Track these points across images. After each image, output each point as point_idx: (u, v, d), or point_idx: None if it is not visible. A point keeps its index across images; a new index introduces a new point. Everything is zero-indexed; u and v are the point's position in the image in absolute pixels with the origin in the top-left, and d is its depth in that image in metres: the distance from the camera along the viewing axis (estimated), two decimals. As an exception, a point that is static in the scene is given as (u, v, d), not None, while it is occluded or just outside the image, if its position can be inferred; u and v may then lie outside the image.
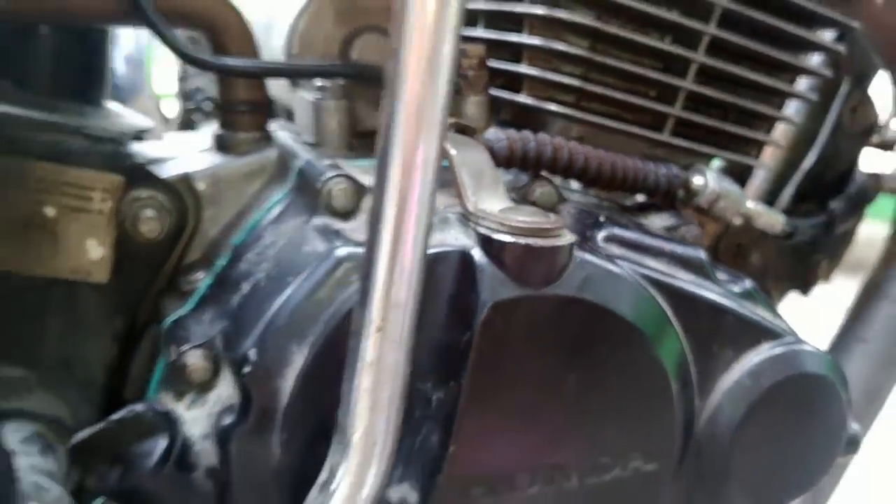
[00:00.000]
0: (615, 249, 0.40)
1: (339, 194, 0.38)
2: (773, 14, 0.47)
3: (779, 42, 0.49)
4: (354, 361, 0.31)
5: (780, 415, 0.41)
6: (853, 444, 0.45)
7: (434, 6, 0.27)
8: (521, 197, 0.43)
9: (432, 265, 0.33)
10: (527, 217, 0.35)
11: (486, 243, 0.34)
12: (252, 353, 0.35)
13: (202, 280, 0.42)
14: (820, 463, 0.43)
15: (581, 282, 0.35)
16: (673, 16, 0.46)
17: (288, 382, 0.35)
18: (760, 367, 0.40)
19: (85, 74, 0.48)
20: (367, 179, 0.39)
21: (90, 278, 0.41)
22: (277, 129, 0.48)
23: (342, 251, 0.36)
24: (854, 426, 0.44)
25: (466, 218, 0.37)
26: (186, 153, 0.46)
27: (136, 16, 0.40)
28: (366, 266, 0.30)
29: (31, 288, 0.41)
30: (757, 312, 0.42)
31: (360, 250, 0.35)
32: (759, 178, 0.61)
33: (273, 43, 0.48)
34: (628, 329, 0.36)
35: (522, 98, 0.48)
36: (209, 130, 0.48)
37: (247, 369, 0.35)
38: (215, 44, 0.44)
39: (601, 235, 0.40)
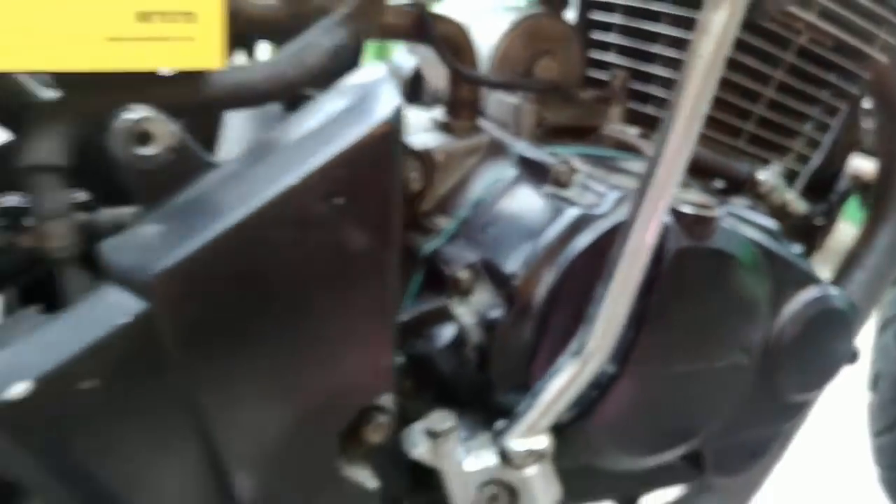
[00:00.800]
0: (728, 219, 0.61)
1: (563, 173, 0.58)
2: (831, 53, 0.69)
3: (831, 69, 0.70)
4: (609, 276, 0.51)
5: (818, 335, 0.64)
6: (854, 357, 0.68)
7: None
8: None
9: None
10: (696, 197, 0.56)
11: (675, 213, 0.55)
12: (519, 273, 0.55)
13: (445, 224, 0.61)
14: (837, 367, 0.66)
15: (721, 238, 0.57)
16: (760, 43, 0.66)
17: (541, 293, 0.55)
18: (809, 302, 0.63)
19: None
20: (576, 163, 0.59)
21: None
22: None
23: (575, 210, 0.56)
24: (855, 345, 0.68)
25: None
26: (417, 132, 0.65)
27: (422, 36, 0.59)
28: (631, 216, 0.50)
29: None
30: (806, 265, 0.64)
31: (586, 211, 0.55)
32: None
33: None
34: (744, 270, 0.58)
35: (651, 110, 0.68)
36: (425, 115, 0.67)
37: (515, 282, 0.55)
38: (455, 58, 0.63)
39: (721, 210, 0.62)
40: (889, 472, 1.13)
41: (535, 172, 0.60)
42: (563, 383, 0.53)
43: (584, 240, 0.55)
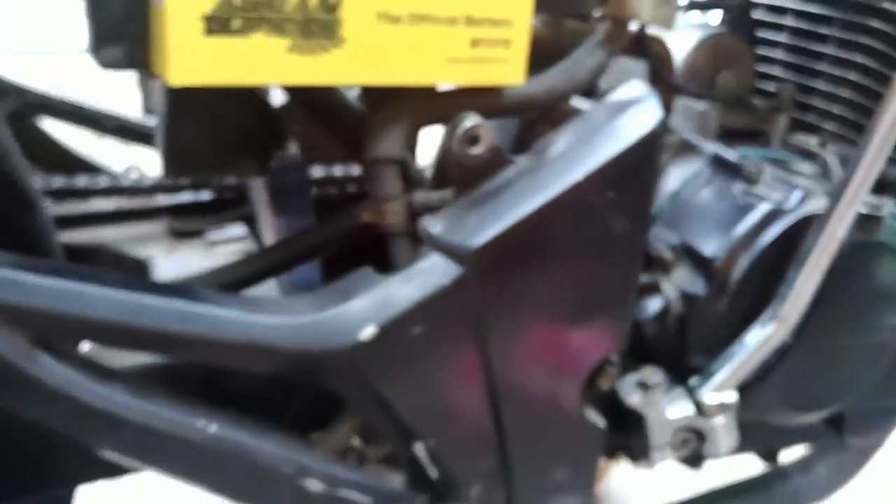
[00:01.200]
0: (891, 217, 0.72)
1: (754, 173, 0.69)
2: None
3: None
4: (802, 261, 0.62)
5: None
6: None
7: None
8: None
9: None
10: (869, 198, 0.67)
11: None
12: (720, 256, 0.66)
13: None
14: None
15: (886, 234, 0.68)
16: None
17: (738, 273, 0.66)
18: None
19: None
20: (763, 164, 0.70)
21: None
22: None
23: (767, 205, 0.67)
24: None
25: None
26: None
27: (640, 51, 0.70)
28: (829, 213, 0.61)
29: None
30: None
31: (775, 206, 0.66)
32: None
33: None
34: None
35: (812, 119, 0.79)
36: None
37: (716, 264, 0.66)
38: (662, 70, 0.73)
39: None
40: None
41: (727, 170, 0.71)
42: (754, 347, 0.64)
43: (773, 231, 0.66)
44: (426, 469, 0.57)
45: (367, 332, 0.52)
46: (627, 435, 0.67)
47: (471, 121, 0.53)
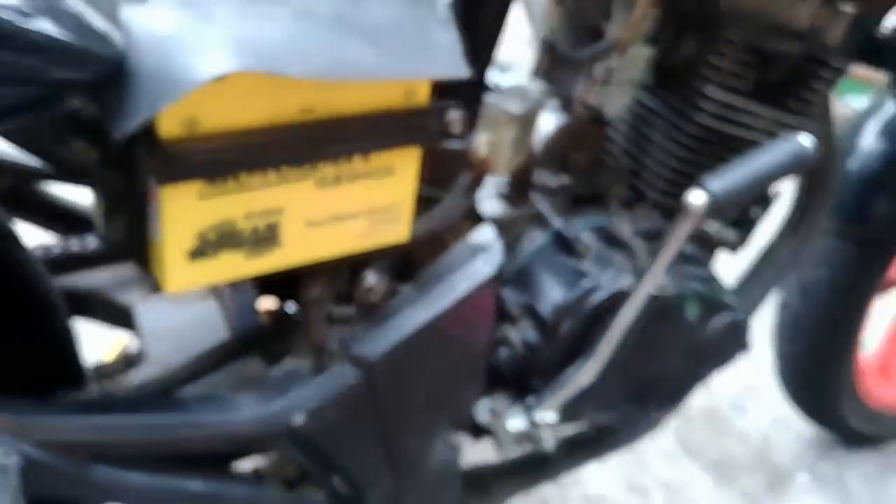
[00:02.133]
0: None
1: (584, 249, 0.93)
2: None
3: None
4: (611, 324, 0.89)
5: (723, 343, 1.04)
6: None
7: None
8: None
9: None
10: (662, 283, 0.93)
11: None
12: (552, 317, 0.91)
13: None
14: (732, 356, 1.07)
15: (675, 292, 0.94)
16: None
17: (564, 329, 0.92)
18: (721, 323, 1.02)
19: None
20: (589, 239, 0.94)
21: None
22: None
23: (588, 281, 0.92)
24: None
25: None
26: (489, 198, 0.98)
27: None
28: (631, 297, 0.87)
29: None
30: (725, 298, 1.03)
31: (594, 283, 0.91)
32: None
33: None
34: (688, 312, 0.96)
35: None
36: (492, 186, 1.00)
37: (549, 322, 0.92)
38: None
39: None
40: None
41: (564, 245, 0.95)
42: (575, 380, 0.92)
43: (591, 301, 0.91)
44: (340, 490, 0.85)
45: (299, 419, 0.78)
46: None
47: (372, 277, 0.76)
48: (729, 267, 1.19)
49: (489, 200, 0.97)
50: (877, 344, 1.73)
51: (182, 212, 0.63)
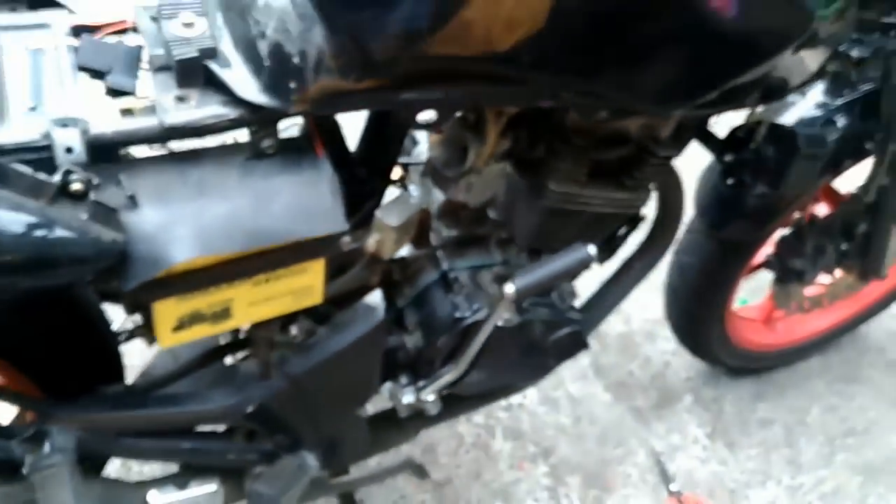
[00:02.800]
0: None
1: (449, 283, 1.33)
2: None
3: None
4: (470, 341, 1.30)
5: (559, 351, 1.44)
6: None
7: None
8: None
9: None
10: (509, 316, 1.33)
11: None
12: (432, 339, 1.33)
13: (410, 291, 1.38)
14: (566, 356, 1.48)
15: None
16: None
17: (441, 344, 1.34)
18: (561, 332, 1.42)
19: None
20: (465, 279, 1.34)
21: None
22: None
23: (459, 314, 1.33)
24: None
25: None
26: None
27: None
28: (488, 317, 1.29)
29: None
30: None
31: (460, 312, 1.32)
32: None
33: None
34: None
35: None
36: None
37: (429, 344, 1.33)
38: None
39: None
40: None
41: (446, 281, 1.34)
42: (445, 377, 1.35)
43: (458, 327, 1.32)
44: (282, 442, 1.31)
45: (250, 409, 1.23)
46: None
47: (296, 326, 1.18)
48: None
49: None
50: (760, 300, 2.11)
51: (166, 312, 1.05)
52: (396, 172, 1.33)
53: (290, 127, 1.08)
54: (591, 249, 1.18)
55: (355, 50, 0.92)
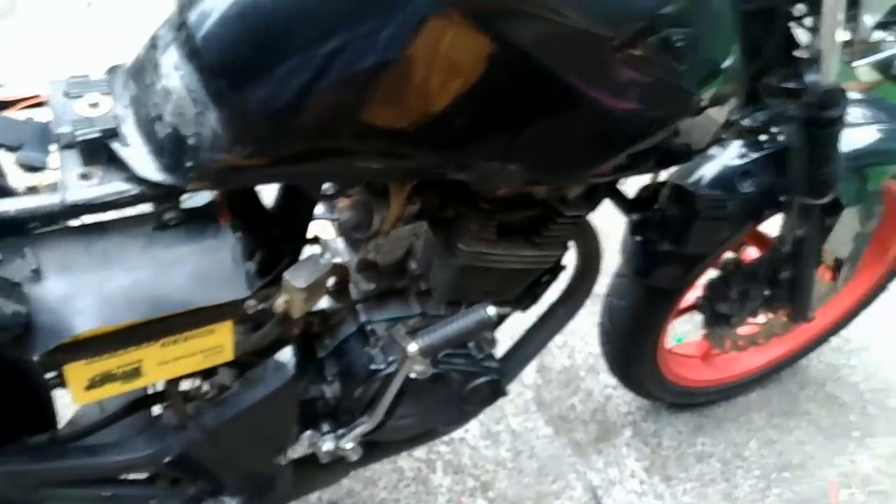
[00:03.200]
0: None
1: (374, 340, 1.39)
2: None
3: None
4: (384, 389, 1.36)
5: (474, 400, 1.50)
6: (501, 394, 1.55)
7: None
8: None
9: None
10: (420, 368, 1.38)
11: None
12: (349, 391, 1.39)
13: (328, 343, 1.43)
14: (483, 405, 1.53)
15: (433, 378, 1.41)
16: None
17: (358, 394, 1.39)
18: (478, 381, 1.48)
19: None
20: (380, 329, 1.40)
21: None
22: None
23: (381, 366, 1.38)
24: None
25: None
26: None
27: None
28: (397, 370, 1.34)
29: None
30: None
31: (376, 364, 1.38)
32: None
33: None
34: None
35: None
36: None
37: (348, 394, 1.39)
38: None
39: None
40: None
41: (364, 337, 1.40)
42: (365, 425, 1.40)
43: (376, 380, 1.37)
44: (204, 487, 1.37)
45: (169, 458, 1.28)
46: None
47: (207, 383, 1.23)
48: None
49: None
50: (697, 338, 2.16)
51: (76, 373, 1.11)
52: (317, 228, 1.38)
53: (199, 195, 1.13)
54: (491, 311, 1.24)
55: (244, 130, 0.98)
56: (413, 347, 1.21)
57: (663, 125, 1.09)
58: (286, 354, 1.29)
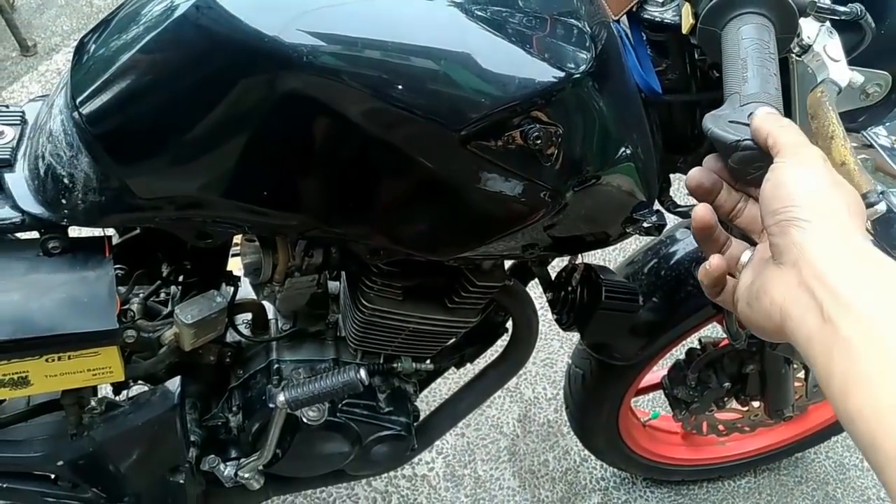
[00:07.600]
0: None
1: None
2: None
3: None
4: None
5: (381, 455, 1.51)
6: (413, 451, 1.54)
7: None
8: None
9: None
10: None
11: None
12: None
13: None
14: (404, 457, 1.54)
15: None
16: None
17: (254, 426, 1.43)
18: (381, 437, 1.48)
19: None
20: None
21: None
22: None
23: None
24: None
25: None
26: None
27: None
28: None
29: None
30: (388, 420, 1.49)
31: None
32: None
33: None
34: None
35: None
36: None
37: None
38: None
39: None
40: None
41: (270, 372, 1.43)
42: (254, 460, 1.44)
43: (272, 415, 1.41)
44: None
45: (60, 462, 1.36)
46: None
47: (94, 399, 1.30)
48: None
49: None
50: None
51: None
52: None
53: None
54: (362, 374, 1.25)
55: (109, 177, 1.04)
56: (281, 398, 1.24)
57: (524, 219, 1.06)
58: (174, 383, 1.34)
